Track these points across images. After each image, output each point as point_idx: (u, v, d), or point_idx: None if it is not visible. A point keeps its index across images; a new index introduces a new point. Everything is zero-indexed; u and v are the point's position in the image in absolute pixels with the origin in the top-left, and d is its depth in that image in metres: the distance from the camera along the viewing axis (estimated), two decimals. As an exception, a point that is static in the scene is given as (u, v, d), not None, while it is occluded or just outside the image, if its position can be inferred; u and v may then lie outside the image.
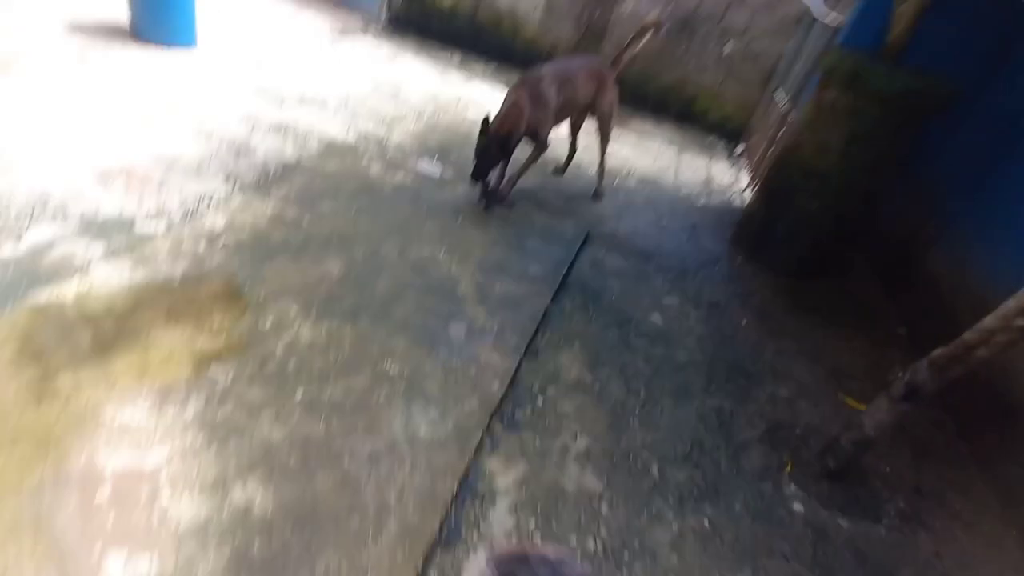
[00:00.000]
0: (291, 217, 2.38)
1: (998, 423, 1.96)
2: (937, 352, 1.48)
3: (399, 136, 3.41)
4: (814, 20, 3.87)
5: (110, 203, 2.17)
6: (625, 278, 2.59)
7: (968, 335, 1.36)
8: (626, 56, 3.06)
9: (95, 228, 2.02)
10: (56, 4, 3.69)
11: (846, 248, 3.02)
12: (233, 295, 1.92)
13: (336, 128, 3.25)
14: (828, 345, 2.47)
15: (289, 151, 2.88)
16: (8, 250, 1.82)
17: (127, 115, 2.75)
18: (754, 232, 3.02)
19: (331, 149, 3.00)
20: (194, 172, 2.49)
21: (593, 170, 3.46)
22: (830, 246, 2.86)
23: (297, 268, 2.11)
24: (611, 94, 3.00)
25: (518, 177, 2.84)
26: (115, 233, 2.04)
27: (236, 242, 2.16)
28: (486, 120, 2.52)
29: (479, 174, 2.60)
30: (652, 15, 2.98)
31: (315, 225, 2.36)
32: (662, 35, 4.75)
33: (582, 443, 1.70)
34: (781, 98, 3.92)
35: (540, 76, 2.63)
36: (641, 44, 3.03)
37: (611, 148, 4.05)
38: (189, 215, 2.25)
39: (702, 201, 3.67)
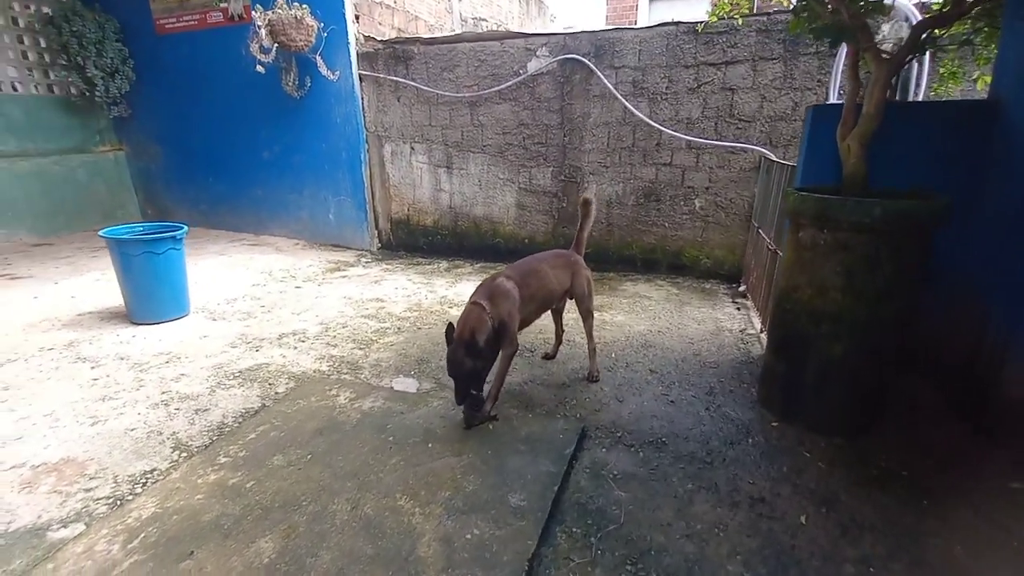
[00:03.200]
0: (233, 484, 2.07)
1: None
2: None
3: (377, 354, 3.27)
4: (772, 163, 3.93)
5: (28, 510, 1.93)
6: (635, 484, 2.09)
7: None
8: (584, 236, 3.01)
9: (-5, 550, 1.73)
10: (47, 302, 4.02)
11: (897, 386, 2.50)
12: (130, 619, 1.52)
13: (309, 361, 3.15)
14: (931, 535, 1.82)
15: (253, 398, 2.72)
16: None
17: (86, 398, 2.68)
18: (780, 388, 2.56)
19: (300, 386, 2.83)
20: (139, 449, 2.29)
21: (586, 347, 3.21)
22: (875, 390, 2.36)
23: (222, 557, 1.72)
24: (583, 275, 2.88)
25: (499, 389, 2.54)
26: (20, 550, 1.75)
27: (159, 533, 1.83)
28: (450, 326, 2.34)
29: (462, 394, 2.32)
30: (587, 193, 3.01)
31: (258, 489, 2.04)
32: (629, 204, 4.93)
33: None
34: (765, 235, 3.78)
35: (495, 275, 2.54)
36: (591, 220, 2.99)
37: (606, 317, 3.90)
38: (117, 505, 1.97)
39: (714, 357, 3.27)
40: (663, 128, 4.62)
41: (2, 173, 5.54)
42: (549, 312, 3.00)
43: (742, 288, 4.51)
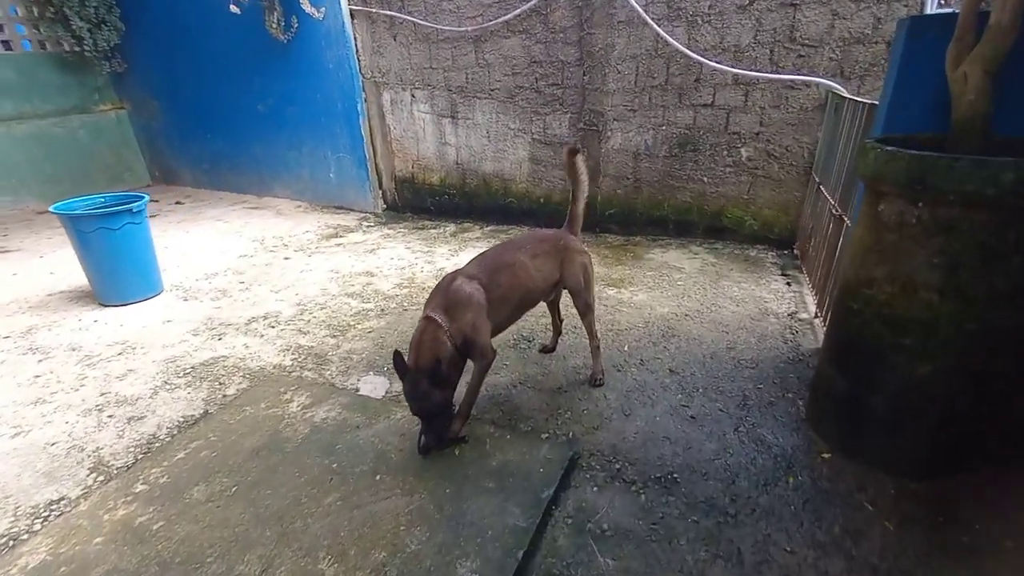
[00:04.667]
0: (139, 524, 1.73)
1: None
2: None
3: (351, 343, 2.85)
4: (843, 99, 3.10)
5: (-99, 554, 1.65)
6: (629, 546, 1.60)
7: None
8: (578, 209, 2.38)
9: None
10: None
11: (1008, 419, 1.84)
12: None
13: (273, 353, 2.76)
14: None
15: (198, 403, 2.37)
16: None
17: (18, 401, 2.40)
18: (836, 408, 1.95)
19: (253, 387, 2.46)
20: (53, 471, 1.98)
21: (597, 337, 2.68)
22: (976, 425, 1.72)
23: (91, 639, 1.38)
24: (577, 261, 2.27)
25: (470, 406, 2.06)
26: None
27: (38, 593, 1.52)
28: (398, 356, 1.84)
29: (437, 434, 1.88)
30: (574, 145, 2.33)
31: (164, 535, 1.68)
32: (660, 157, 4.17)
33: None
34: (829, 194, 3.02)
35: (451, 276, 2.01)
36: (585, 186, 2.35)
37: (624, 295, 3.34)
38: (7, 548, 1.68)
39: (753, 352, 2.65)
40: (704, 59, 3.77)
41: (0, 138, 5.35)
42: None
43: (796, 252, 3.77)
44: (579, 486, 1.84)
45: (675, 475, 1.87)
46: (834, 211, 2.80)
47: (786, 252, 4.00)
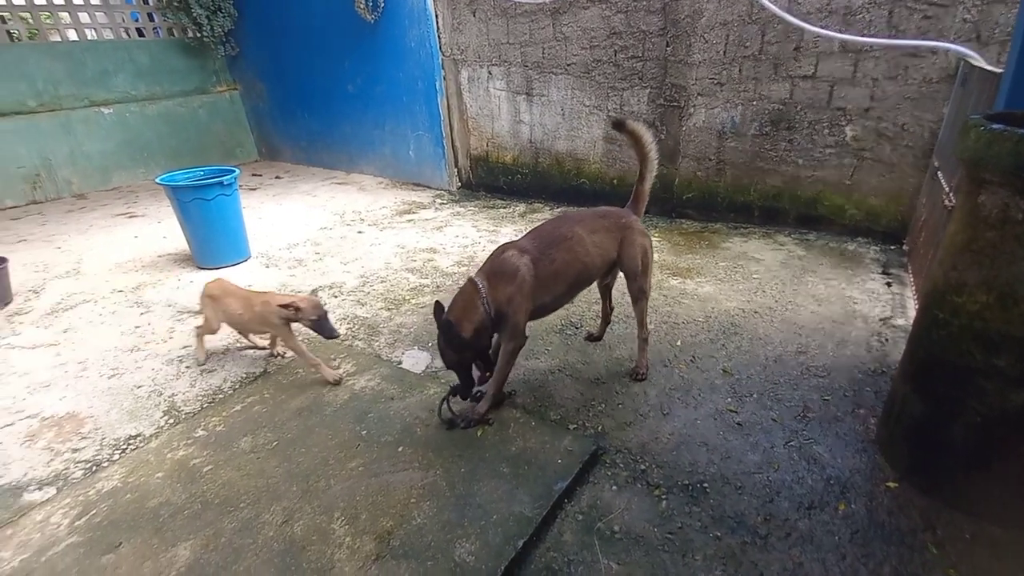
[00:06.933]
0: (193, 465, 1.93)
1: None
2: None
3: (403, 317, 2.95)
4: (974, 68, 2.60)
5: (19, 466, 1.99)
6: (638, 552, 1.50)
7: None
8: (645, 187, 2.23)
9: (-26, 506, 1.80)
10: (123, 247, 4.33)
11: None
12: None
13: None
14: None
15: (260, 362, 2.58)
16: None
17: (119, 347, 2.76)
18: (910, 433, 1.67)
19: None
20: (136, 410, 2.27)
21: (648, 327, 2.53)
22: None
23: (139, 558, 1.58)
24: (637, 243, 2.13)
25: (497, 390, 2.04)
26: (-7, 508, 1.79)
27: (108, 512, 1.76)
28: (438, 306, 1.86)
29: (466, 386, 1.96)
30: (631, 122, 2.18)
31: (211, 477, 1.87)
32: (751, 134, 3.79)
33: None
34: (945, 181, 2.58)
35: (503, 247, 1.98)
36: (653, 163, 2.20)
37: (688, 286, 3.15)
38: (91, 472, 1.96)
39: (827, 359, 2.36)
40: (806, 25, 3.32)
41: (136, 116, 6.13)
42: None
43: (905, 249, 3.28)
44: (597, 483, 1.76)
45: (705, 484, 1.73)
46: (948, 202, 2.37)
47: (893, 248, 3.50)
